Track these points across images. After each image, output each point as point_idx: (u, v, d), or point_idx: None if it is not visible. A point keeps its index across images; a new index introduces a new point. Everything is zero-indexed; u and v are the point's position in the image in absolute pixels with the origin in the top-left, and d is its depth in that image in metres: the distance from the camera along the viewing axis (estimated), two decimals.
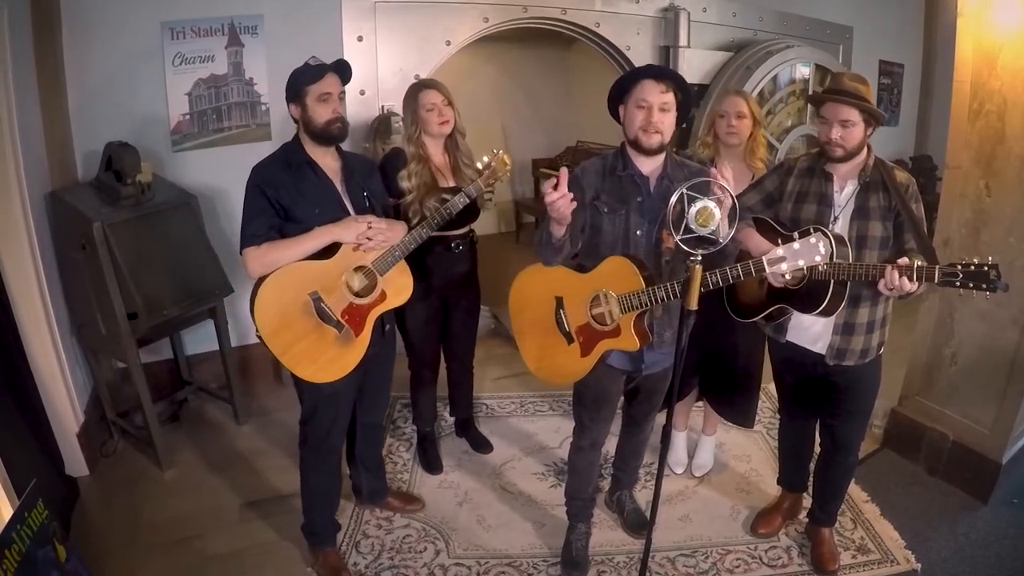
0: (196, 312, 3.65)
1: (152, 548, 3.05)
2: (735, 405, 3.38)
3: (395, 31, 4.32)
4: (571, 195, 2.22)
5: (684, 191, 2.06)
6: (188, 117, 4.00)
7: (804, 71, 5.24)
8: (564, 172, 2.24)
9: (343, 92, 2.59)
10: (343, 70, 2.58)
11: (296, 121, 2.57)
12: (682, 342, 2.22)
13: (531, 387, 4.42)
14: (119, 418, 3.79)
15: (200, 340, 4.18)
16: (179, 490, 3.47)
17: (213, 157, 3.96)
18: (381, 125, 4.26)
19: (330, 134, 2.54)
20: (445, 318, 3.45)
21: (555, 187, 2.21)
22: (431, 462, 3.62)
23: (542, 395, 4.38)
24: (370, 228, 2.53)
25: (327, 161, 2.61)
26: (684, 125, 5.08)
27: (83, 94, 3.77)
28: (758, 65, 4.98)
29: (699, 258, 2.08)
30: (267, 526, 3.19)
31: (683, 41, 5.05)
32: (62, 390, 3.41)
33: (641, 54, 5.06)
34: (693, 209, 2.05)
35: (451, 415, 3.91)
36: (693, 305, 2.11)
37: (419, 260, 3.19)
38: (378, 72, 4.33)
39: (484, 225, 7.84)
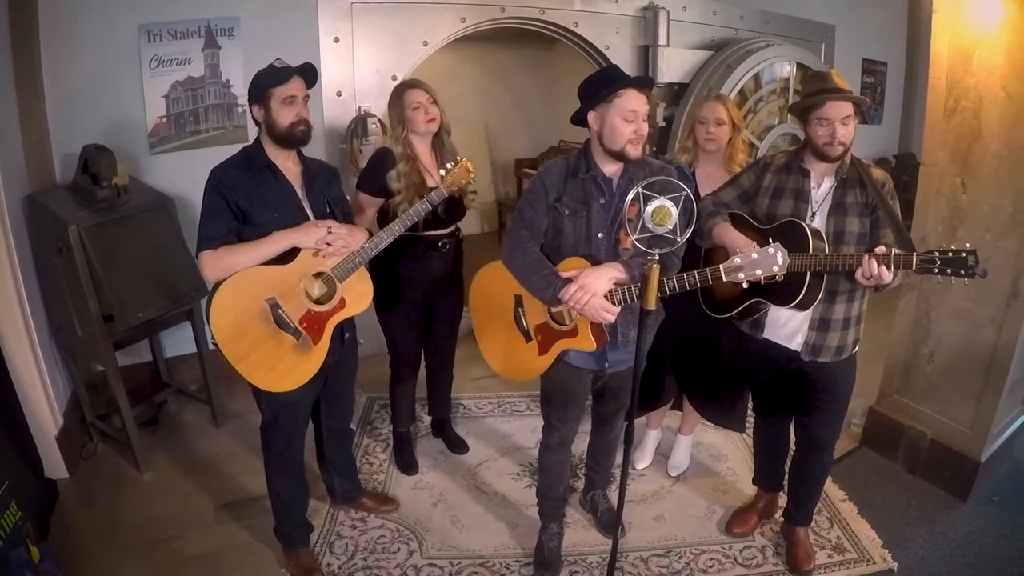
0: (173, 314, 3.65)
1: (130, 549, 3.06)
2: (724, 407, 3.35)
3: (372, 32, 4.32)
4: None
5: (640, 190, 2.06)
6: (165, 119, 4.01)
7: (786, 69, 5.23)
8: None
9: (307, 96, 2.55)
10: (309, 74, 2.54)
11: (258, 123, 2.52)
12: (643, 342, 2.23)
13: (509, 387, 4.42)
14: (98, 420, 3.79)
15: (179, 342, 4.19)
16: (157, 492, 3.47)
17: (190, 159, 3.95)
18: (358, 126, 4.27)
19: (294, 137, 2.49)
20: (429, 317, 3.44)
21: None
22: (407, 463, 3.62)
23: (520, 395, 4.38)
24: (330, 233, 2.49)
25: (288, 165, 2.57)
26: (663, 124, 5.15)
27: (61, 96, 3.78)
28: (738, 64, 4.97)
29: (656, 258, 2.09)
30: (243, 527, 3.19)
31: (662, 40, 5.03)
32: (40, 393, 3.41)
33: (620, 53, 5.05)
34: (649, 208, 2.05)
35: (429, 414, 3.91)
36: (651, 305, 2.12)
37: (405, 259, 3.22)
38: (355, 73, 4.33)
39: (467, 225, 7.84)
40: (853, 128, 2.45)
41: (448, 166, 2.78)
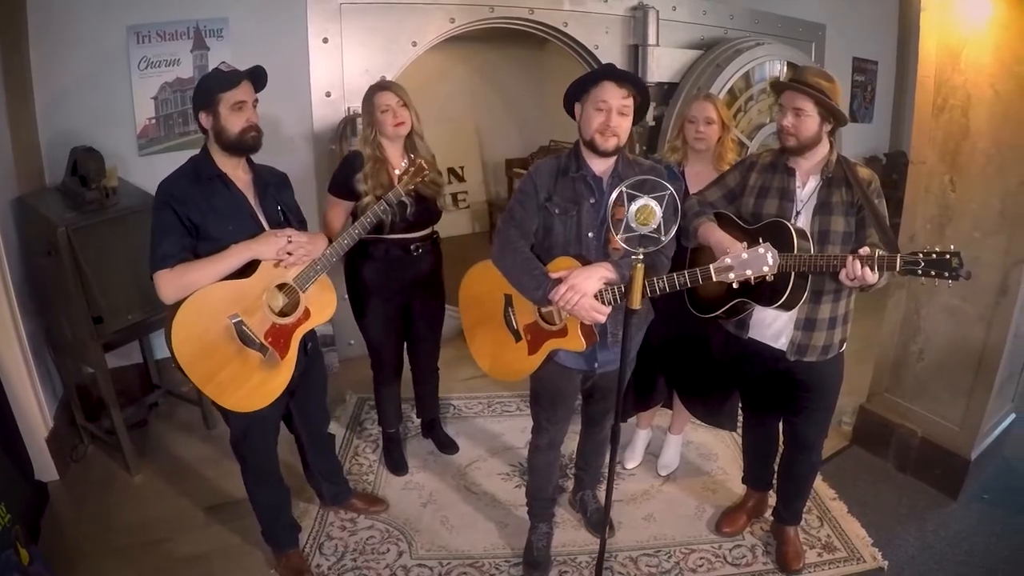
0: (162, 316, 3.62)
1: (121, 551, 3.06)
2: (715, 406, 3.34)
3: (361, 33, 4.31)
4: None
5: (624, 189, 2.06)
6: (154, 121, 4.00)
7: (777, 68, 5.24)
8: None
9: (256, 100, 2.45)
10: (258, 77, 2.44)
11: (205, 131, 2.41)
12: (628, 342, 2.23)
13: (500, 387, 4.41)
14: (88, 423, 3.78)
15: None
16: (148, 494, 3.46)
17: (179, 161, 3.84)
18: (347, 127, 4.26)
19: (244, 144, 2.40)
20: (408, 320, 3.43)
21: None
22: (396, 463, 3.62)
23: (510, 395, 4.37)
24: (290, 243, 2.43)
25: (238, 174, 2.47)
26: (652, 124, 5.15)
27: (50, 98, 3.77)
28: (728, 63, 4.99)
29: (641, 257, 2.09)
30: (234, 529, 3.19)
31: (652, 40, 5.04)
32: (30, 395, 3.40)
33: (610, 53, 5.05)
34: (633, 207, 2.05)
35: (417, 416, 3.90)
36: (635, 305, 2.12)
37: (377, 263, 3.20)
38: (344, 74, 4.32)
39: (457, 225, 8.02)
40: (811, 124, 2.42)
41: (403, 164, 2.75)
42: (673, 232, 2.10)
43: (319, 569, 2.96)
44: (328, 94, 4.31)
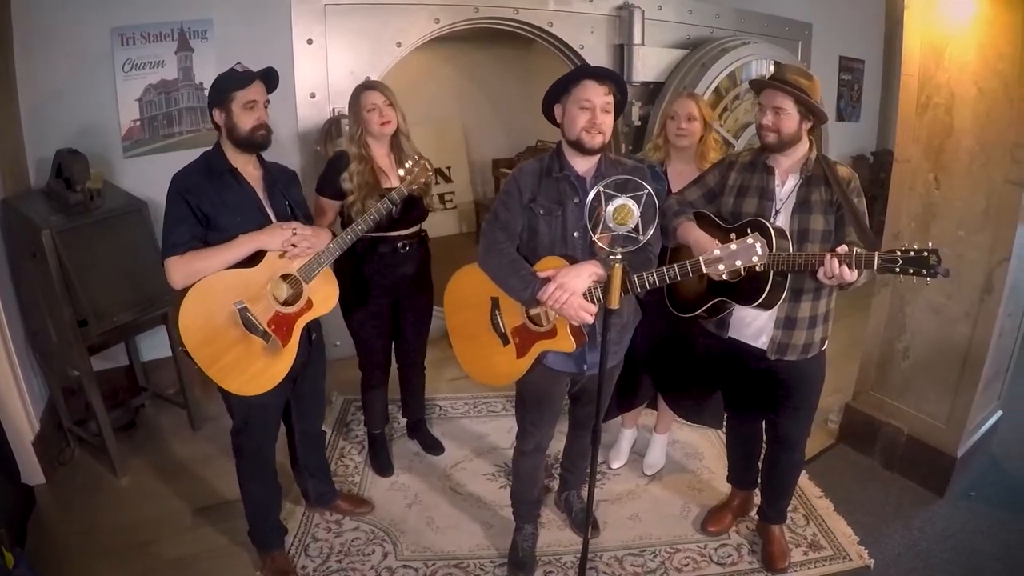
0: (148, 318, 3.63)
1: (108, 554, 3.05)
2: (700, 405, 3.32)
3: (345, 33, 4.31)
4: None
5: (601, 188, 2.06)
6: (139, 123, 3.99)
7: (763, 67, 5.24)
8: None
9: (268, 100, 2.55)
10: (270, 78, 2.55)
11: (218, 127, 2.51)
12: (607, 343, 2.23)
13: (485, 388, 4.38)
14: (75, 426, 3.77)
15: (155, 346, 4.16)
16: (135, 496, 3.46)
17: (164, 162, 3.84)
18: (332, 128, 4.26)
19: (255, 141, 2.50)
20: (396, 319, 3.43)
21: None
22: (382, 464, 3.61)
23: (495, 396, 4.37)
24: (295, 235, 2.50)
25: (248, 169, 2.57)
26: (638, 123, 5.15)
27: (35, 101, 3.76)
28: (713, 62, 4.99)
29: (619, 257, 2.08)
30: (220, 530, 3.19)
31: (637, 39, 5.03)
32: (16, 399, 3.39)
33: (595, 53, 5.04)
34: (611, 207, 2.05)
35: (403, 416, 3.90)
36: (614, 304, 2.12)
37: (365, 261, 3.20)
38: (328, 75, 4.32)
39: (445, 226, 8.03)
40: (791, 122, 2.43)
41: (408, 164, 2.78)
42: (652, 232, 2.10)
43: (304, 570, 2.95)
44: (313, 95, 4.31)
